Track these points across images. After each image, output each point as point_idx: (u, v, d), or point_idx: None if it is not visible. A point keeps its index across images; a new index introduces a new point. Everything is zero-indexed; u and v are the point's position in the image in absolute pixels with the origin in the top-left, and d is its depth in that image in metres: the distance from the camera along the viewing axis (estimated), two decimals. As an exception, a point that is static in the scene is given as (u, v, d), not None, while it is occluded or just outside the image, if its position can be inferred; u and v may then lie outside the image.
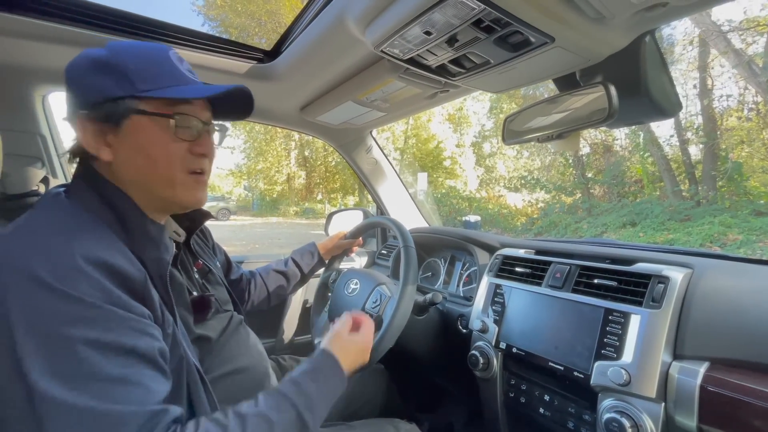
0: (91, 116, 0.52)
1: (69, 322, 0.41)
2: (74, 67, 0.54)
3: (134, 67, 0.53)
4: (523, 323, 0.94)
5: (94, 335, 0.42)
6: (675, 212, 7.28)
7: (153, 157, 0.55)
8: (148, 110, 0.53)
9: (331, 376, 0.64)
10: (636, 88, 0.74)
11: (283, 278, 1.11)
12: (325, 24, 0.80)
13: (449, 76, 0.85)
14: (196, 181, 0.60)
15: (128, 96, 0.52)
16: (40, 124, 1.06)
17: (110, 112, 0.52)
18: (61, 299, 0.42)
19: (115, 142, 0.54)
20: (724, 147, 7.79)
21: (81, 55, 0.55)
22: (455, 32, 0.66)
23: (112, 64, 0.53)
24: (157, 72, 0.55)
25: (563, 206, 10.18)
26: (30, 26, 0.79)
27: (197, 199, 0.61)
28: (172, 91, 0.54)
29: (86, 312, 0.43)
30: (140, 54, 0.55)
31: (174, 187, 0.57)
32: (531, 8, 0.58)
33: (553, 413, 0.87)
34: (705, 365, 0.65)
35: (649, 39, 0.71)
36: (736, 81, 7.91)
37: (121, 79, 0.52)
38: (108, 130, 0.53)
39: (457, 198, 12.72)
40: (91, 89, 0.53)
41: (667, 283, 0.74)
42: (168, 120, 0.54)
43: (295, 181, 19.39)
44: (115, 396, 0.42)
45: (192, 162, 0.58)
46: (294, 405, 0.55)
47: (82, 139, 0.53)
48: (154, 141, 0.54)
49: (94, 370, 0.41)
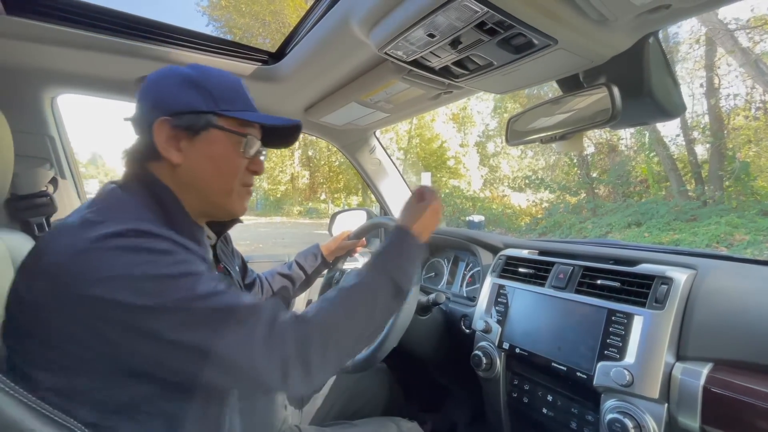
0: (172, 122, 0.58)
1: (165, 266, 0.47)
2: (162, 79, 0.61)
3: (218, 89, 0.61)
4: (526, 324, 0.94)
5: (194, 268, 0.49)
6: (681, 212, 7.23)
7: (220, 167, 0.62)
8: (225, 127, 0.61)
9: (408, 244, 0.70)
10: (639, 90, 0.74)
11: (288, 281, 1.12)
12: (329, 26, 0.81)
13: (453, 77, 0.86)
14: (246, 192, 0.68)
15: (210, 111, 0.59)
16: (49, 125, 1.07)
17: (192, 122, 0.59)
18: (149, 253, 0.47)
19: (187, 148, 0.60)
20: (731, 146, 7.71)
21: (170, 70, 0.62)
22: (459, 35, 0.66)
23: (200, 83, 0.60)
24: (235, 96, 0.63)
25: (567, 206, 10.12)
26: (40, 30, 0.80)
27: (243, 209, 0.69)
28: (246, 115, 0.62)
29: (171, 257, 0.49)
30: (222, 79, 0.63)
31: (230, 196, 0.64)
32: (534, 11, 0.58)
33: (556, 413, 0.87)
34: (708, 366, 0.65)
35: (653, 40, 0.71)
36: (743, 80, 7.84)
37: (207, 96, 0.60)
38: (183, 136, 0.59)
39: (461, 198, 12.69)
40: (178, 100, 0.59)
41: (671, 284, 0.74)
42: (240, 138, 0.62)
43: (299, 181, 19.44)
44: (236, 297, 0.50)
45: (246, 177, 0.66)
46: (388, 273, 0.63)
47: (157, 139, 0.58)
48: (225, 154, 0.62)
49: (211, 289, 0.49)
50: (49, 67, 0.93)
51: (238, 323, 0.48)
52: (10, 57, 0.88)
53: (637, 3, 0.55)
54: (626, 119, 0.81)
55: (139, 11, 0.94)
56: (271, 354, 0.48)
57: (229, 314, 0.48)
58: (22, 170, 1.00)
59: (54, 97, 1.08)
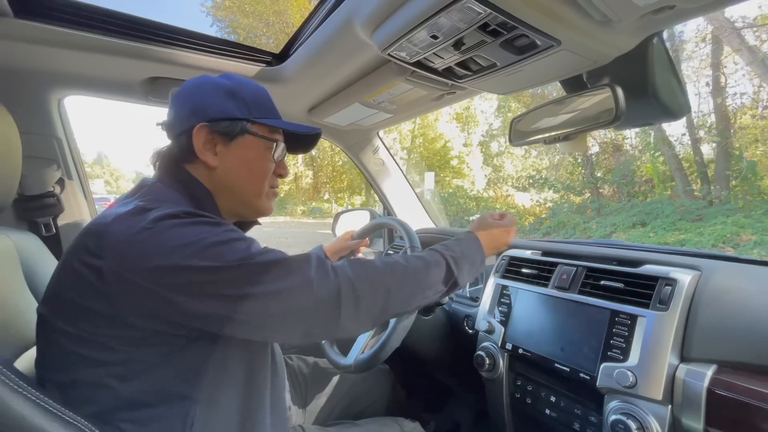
0: (210, 128, 0.63)
1: (219, 233, 0.52)
2: (200, 86, 0.66)
3: (251, 98, 0.66)
4: (530, 324, 0.94)
5: (243, 236, 0.55)
6: (686, 212, 7.16)
7: (253, 170, 0.67)
8: (258, 133, 0.66)
9: (472, 246, 0.76)
10: (643, 90, 0.74)
11: None
12: (332, 28, 0.81)
13: (456, 78, 0.86)
14: (274, 194, 0.74)
15: (245, 119, 0.65)
16: (56, 127, 1.09)
17: (229, 128, 0.63)
18: (203, 224, 0.53)
19: (223, 152, 0.64)
20: (737, 146, 7.63)
21: (207, 80, 0.67)
22: (462, 36, 0.67)
23: (236, 92, 0.65)
24: (264, 104, 0.68)
25: (572, 206, 10.07)
26: (47, 32, 0.81)
27: (271, 208, 0.74)
28: (276, 122, 0.68)
29: (229, 227, 0.55)
30: (254, 88, 0.68)
31: (260, 197, 0.70)
32: (537, 12, 0.58)
33: (559, 414, 0.87)
34: (712, 368, 0.65)
35: (657, 41, 0.71)
36: (750, 78, 7.74)
37: (241, 104, 0.65)
38: (219, 141, 0.64)
39: (465, 197, 12.67)
40: (216, 107, 0.64)
41: (675, 286, 0.74)
42: (272, 143, 0.68)
43: (303, 181, 19.48)
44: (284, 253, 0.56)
45: (274, 180, 0.72)
46: (443, 255, 0.69)
47: (196, 143, 0.62)
48: (257, 158, 0.67)
49: (262, 249, 0.55)
50: (57, 69, 0.94)
51: (291, 270, 0.53)
52: (18, 59, 0.90)
53: (640, 4, 0.55)
54: (630, 120, 0.81)
55: (146, 14, 0.94)
56: (325, 284, 0.53)
57: (284, 263, 0.53)
58: (30, 171, 1.02)
59: (61, 99, 1.09)
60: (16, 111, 0.70)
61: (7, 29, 0.78)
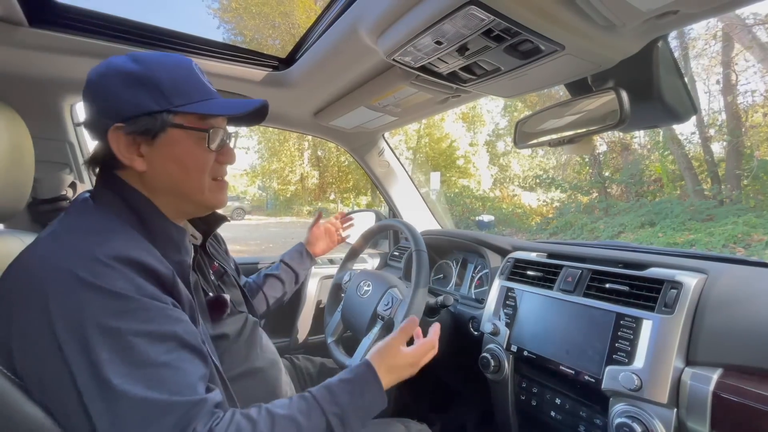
0: (127, 129, 0.54)
1: (113, 315, 0.44)
2: (103, 79, 0.55)
3: (167, 81, 0.55)
4: (535, 327, 0.94)
5: (137, 326, 0.45)
6: (696, 212, 7.07)
7: (187, 166, 0.59)
8: (184, 124, 0.57)
9: (368, 391, 0.62)
10: (648, 93, 0.74)
11: (276, 280, 1.12)
12: (338, 34, 0.82)
13: (460, 82, 0.87)
14: (219, 186, 0.65)
15: (164, 110, 0.55)
16: (68, 132, 1.11)
17: (147, 126, 0.55)
18: (103, 295, 0.45)
19: (149, 153, 0.57)
20: (749, 144, 7.51)
21: (108, 67, 0.56)
22: (466, 41, 0.67)
23: (145, 78, 0.55)
24: (188, 86, 0.58)
25: (579, 206, 9.99)
26: (61, 41, 0.84)
27: (222, 201, 0.66)
28: (204, 106, 0.58)
29: (127, 305, 0.46)
30: (169, 68, 0.57)
31: (203, 193, 0.61)
32: (540, 18, 0.59)
33: (564, 417, 0.87)
34: (718, 372, 0.65)
35: (662, 44, 0.71)
36: (762, 76, 7.62)
37: (156, 93, 0.55)
38: (142, 141, 0.56)
39: (471, 197, 12.63)
40: (127, 103, 0.54)
41: (680, 289, 0.74)
42: (203, 134, 0.58)
43: (309, 181, 19.54)
44: (162, 382, 0.45)
45: (218, 170, 0.64)
46: (324, 413, 0.55)
47: (116, 150, 0.55)
48: (189, 152, 0.58)
49: (142, 358, 0.44)
50: (70, 76, 0.97)
51: (145, 422, 0.43)
52: (33, 67, 0.92)
53: (643, 9, 0.55)
54: (636, 122, 0.81)
55: (155, 20, 0.96)
56: None
57: (142, 407, 0.43)
58: (43, 175, 1.04)
59: (73, 105, 1.12)
60: (30, 117, 0.72)
61: (23, 38, 0.81)
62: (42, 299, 0.44)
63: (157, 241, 0.57)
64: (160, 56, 0.59)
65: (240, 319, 0.78)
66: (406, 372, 0.71)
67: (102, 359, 0.43)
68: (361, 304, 1.05)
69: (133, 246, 0.51)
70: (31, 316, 0.44)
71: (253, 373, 0.75)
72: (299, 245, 1.20)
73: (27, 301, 0.45)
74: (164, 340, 0.47)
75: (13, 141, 0.63)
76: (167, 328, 0.48)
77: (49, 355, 0.43)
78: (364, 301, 1.05)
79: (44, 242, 0.50)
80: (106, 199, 0.57)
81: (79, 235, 0.50)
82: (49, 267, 0.46)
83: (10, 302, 0.46)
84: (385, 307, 0.99)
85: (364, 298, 1.06)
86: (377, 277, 1.09)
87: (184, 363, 0.48)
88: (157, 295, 0.49)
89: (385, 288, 1.03)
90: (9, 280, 0.47)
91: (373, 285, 1.06)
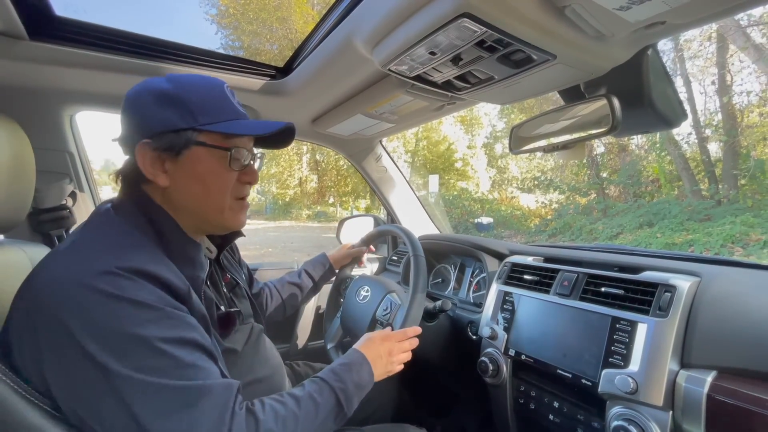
0: (153, 145, 0.56)
1: (138, 324, 0.46)
2: (138, 97, 0.58)
3: (196, 101, 0.57)
4: (532, 331, 0.95)
5: (162, 332, 0.47)
6: (694, 212, 7.09)
7: (208, 185, 0.60)
8: (207, 142, 0.58)
9: (362, 371, 0.71)
10: (640, 100, 0.76)
11: (297, 289, 1.15)
12: (334, 44, 0.84)
13: (455, 90, 0.88)
14: (241, 206, 0.66)
15: (190, 128, 0.57)
16: (68, 142, 1.12)
17: (172, 142, 0.56)
18: (130, 305, 0.47)
19: (173, 170, 0.58)
20: (745, 144, 7.55)
21: (145, 86, 0.58)
22: (459, 52, 0.68)
23: (175, 97, 0.57)
24: (216, 106, 0.59)
25: (577, 207, 10.01)
26: (60, 53, 0.85)
27: (241, 222, 0.67)
28: (229, 126, 0.59)
29: (150, 314, 0.48)
30: (200, 88, 0.59)
31: (223, 212, 0.62)
32: (531, 29, 0.60)
33: (562, 420, 0.88)
34: (712, 374, 0.66)
35: (651, 52, 0.72)
36: (757, 76, 7.67)
37: (184, 111, 0.56)
38: (167, 157, 0.57)
39: (469, 200, 12.63)
40: (155, 120, 0.56)
41: (674, 292, 0.75)
42: (225, 152, 0.59)
43: (307, 185, 19.56)
44: (193, 376, 0.48)
45: (239, 190, 0.64)
46: (333, 390, 0.63)
47: (141, 165, 0.57)
48: (211, 171, 0.59)
49: (172, 360, 0.47)
50: (69, 88, 0.98)
51: (187, 406, 0.46)
52: (33, 79, 0.93)
53: (631, 20, 0.57)
54: (628, 128, 0.82)
55: (153, 31, 0.98)
56: None
57: (181, 394, 0.46)
58: (44, 185, 1.05)
59: (73, 115, 1.13)
60: (30, 128, 0.73)
61: (23, 51, 0.82)
62: (65, 313, 0.45)
63: (173, 255, 0.58)
64: (194, 78, 0.61)
65: (246, 329, 0.78)
66: (385, 361, 0.78)
67: (136, 364, 0.45)
68: (360, 310, 1.06)
69: (151, 260, 0.53)
70: (56, 330, 0.45)
71: (258, 381, 0.75)
72: (323, 257, 1.22)
73: (50, 315, 0.45)
74: (187, 344, 0.50)
75: (15, 152, 0.64)
76: (187, 335, 0.50)
77: (79, 366, 0.44)
78: (363, 306, 1.05)
79: (65, 255, 0.51)
80: (127, 211, 0.58)
81: (100, 249, 0.51)
82: (70, 281, 0.47)
83: (33, 316, 0.47)
84: (383, 312, 1.00)
85: (363, 303, 1.06)
86: (376, 282, 1.10)
87: (204, 362, 0.51)
88: (176, 304, 0.52)
89: (383, 293, 1.04)
90: (31, 292, 0.49)
91: (371, 290, 1.07)
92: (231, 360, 0.70)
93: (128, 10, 35.30)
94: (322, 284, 1.21)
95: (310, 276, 1.17)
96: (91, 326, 0.45)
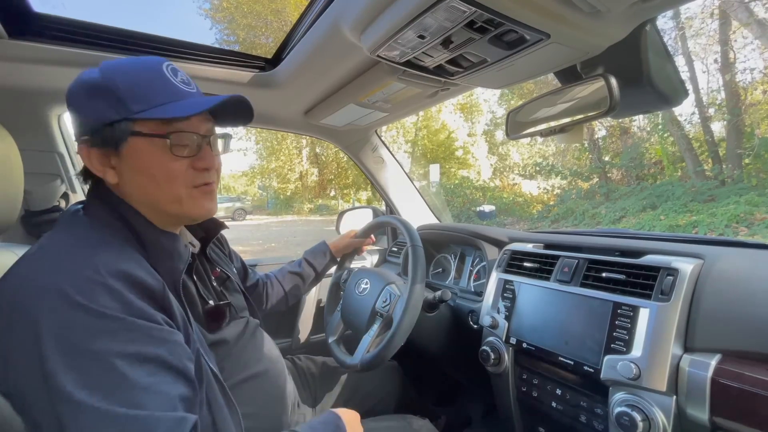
0: (91, 142, 0.53)
1: (94, 336, 0.43)
2: (72, 92, 0.55)
3: (125, 87, 0.52)
4: (533, 318, 0.94)
5: (118, 347, 0.44)
6: (698, 193, 7.04)
7: (155, 177, 0.55)
8: (143, 132, 0.53)
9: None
10: (638, 78, 0.73)
11: (299, 278, 1.14)
12: (321, 31, 0.81)
13: (448, 75, 0.85)
14: (202, 192, 0.60)
15: (123, 119, 0.52)
16: (57, 142, 1.10)
17: (108, 136, 0.53)
18: (86, 314, 0.43)
19: (118, 165, 0.55)
20: (749, 123, 7.45)
21: (77, 80, 0.54)
22: (449, 34, 0.66)
23: (103, 87, 0.52)
24: (150, 90, 0.54)
25: (580, 192, 9.96)
26: (42, 51, 0.82)
27: (207, 210, 0.62)
28: (164, 110, 0.53)
29: (109, 325, 0.44)
30: (131, 72, 0.54)
31: (181, 203, 0.58)
32: (523, 8, 0.57)
33: (565, 407, 0.87)
34: (716, 357, 0.64)
35: (650, 27, 0.69)
36: (761, 53, 7.54)
37: (113, 101, 0.52)
38: (110, 153, 0.54)
39: (471, 188, 12.59)
40: (89, 114, 0.53)
41: (676, 276, 0.73)
42: (164, 140, 0.54)
43: (308, 179, 19.55)
44: (144, 403, 0.43)
45: (196, 177, 0.59)
46: None
47: (88, 163, 0.55)
48: (154, 162, 0.55)
49: (122, 381, 0.43)
50: (54, 87, 0.96)
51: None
52: (15, 79, 0.91)
53: (627, -6, 0.54)
54: (627, 108, 0.80)
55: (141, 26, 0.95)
56: None
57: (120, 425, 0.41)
58: (35, 187, 1.04)
59: (60, 115, 1.11)
60: (16, 129, 0.71)
61: (3, 51, 0.80)
62: (29, 317, 0.43)
63: (148, 250, 0.57)
64: (126, 62, 0.56)
65: (240, 323, 0.78)
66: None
67: (82, 381, 0.41)
68: (360, 302, 1.05)
69: (123, 258, 0.50)
70: (19, 335, 0.43)
71: (256, 376, 0.75)
72: (323, 245, 1.21)
73: (14, 320, 0.44)
74: (145, 362, 0.45)
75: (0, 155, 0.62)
76: (149, 350, 0.46)
77: (32, 372, 0.42)
78: (363, 298, 1.05)
79: (32, 259, 0.50)
80: (96, 211, 0.56)
81: (67, 251, 0.49)
82: (36, 285, 0.45)
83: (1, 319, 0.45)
84: (383, 304, 0.99)
85: (362, 295, 1.05)
86: (375, 274, 1.09)
87: (164, 386, 0.46)
88: (145, 312, 0.48)
89: (383, 285, 1.03)
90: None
91: (371, 282, 1.06)
92: (223, 352, 0.70)
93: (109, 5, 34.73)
94: (324, 274, 1.20)
95: (311, 265, 1.16)
96: (49, 331, 0.42)
